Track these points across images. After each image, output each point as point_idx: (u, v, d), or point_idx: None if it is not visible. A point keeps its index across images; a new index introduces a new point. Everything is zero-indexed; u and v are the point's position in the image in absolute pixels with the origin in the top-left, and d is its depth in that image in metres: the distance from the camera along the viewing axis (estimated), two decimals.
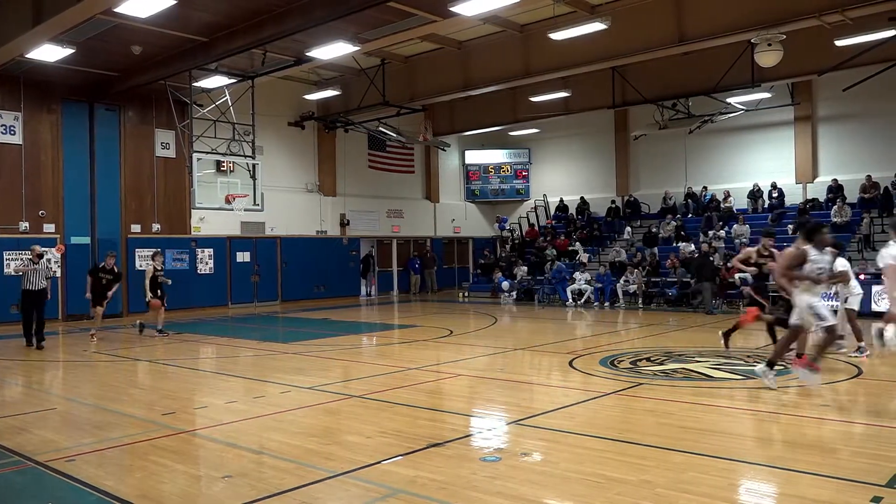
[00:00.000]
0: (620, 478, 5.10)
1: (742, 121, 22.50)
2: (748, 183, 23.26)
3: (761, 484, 5.22)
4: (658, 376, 9.17)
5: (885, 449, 5.78)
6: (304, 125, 24.19)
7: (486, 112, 24.75)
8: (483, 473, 5.28)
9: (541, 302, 22.06)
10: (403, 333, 15.41)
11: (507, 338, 14.58)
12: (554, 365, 10.64)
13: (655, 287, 20.27)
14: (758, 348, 11.72)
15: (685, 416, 7.11)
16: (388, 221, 26.96)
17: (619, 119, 26.04)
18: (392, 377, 9.49)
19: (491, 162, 30.16)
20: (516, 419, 7.09)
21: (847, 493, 4.72)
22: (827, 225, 13.33)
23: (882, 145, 21.04)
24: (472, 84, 20.67)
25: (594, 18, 16.26)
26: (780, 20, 15.02)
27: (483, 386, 9.19)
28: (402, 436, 6.39)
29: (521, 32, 19.04)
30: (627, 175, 26.74)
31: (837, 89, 18.43)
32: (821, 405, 7.76)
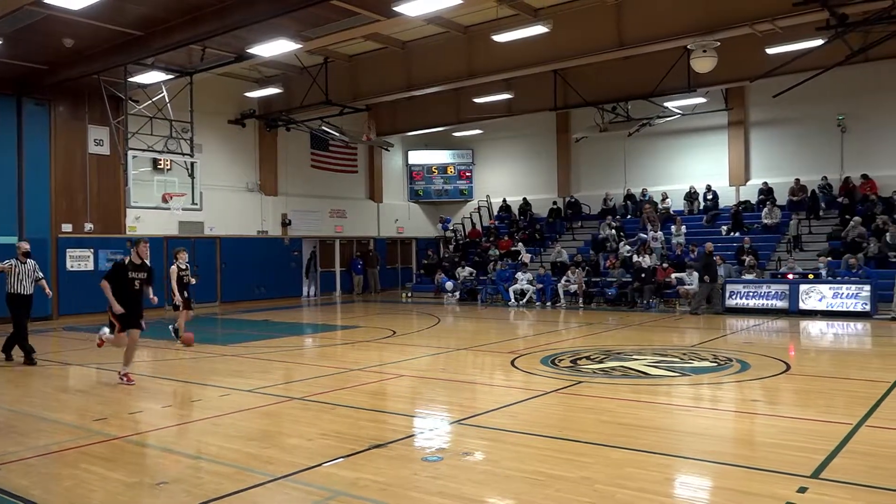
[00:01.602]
0: (560, 475, 5.17)
1: (679, 124, 23.11)
2: (684, 185, 23.91)
3: (695, 478, 5.37)
4: (597, 374, 9.33)
5: (811, 442, 6.00)
6: (244, 123, 23.75)
7: (430, 112, 24.79)
8: (425, 474, 5.28)
9: (483, 302, 22.21)
10: (346, 334, 15.29)
11: (449, 338, 14.62)
12: (496, 364, 10.72)
13: (595, 287, 20.63)
14: (693, 346, 12.06)
15: (623, 412, 7.25)
16: (331, 221, 26.72)
17: (560, 121, 26.42)
18: (334, 378, 9.41)
19: (434, 162, 30.21)
20: (459, 419, 7.11)
21: (775, 484, 4.89)
22: None
23: (809, 150, 21.90)
24: (415, 84, 20.67)
25: (537, 21, 16.49)
26: (714, 28, 15.50)
27: (426, 386, 9.19)
28: (344, 438, 6.34)
29: (465, 34, 19.14)
30: (569, 176, 27.15)
31: (768, 95, 19.10)
32: (752, 400, 8.03)
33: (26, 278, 11.10)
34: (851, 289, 16.12)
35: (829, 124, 21.23)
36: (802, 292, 16.70)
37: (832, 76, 16.64)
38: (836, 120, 21.06)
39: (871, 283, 16.05)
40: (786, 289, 16.94)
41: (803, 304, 16.60)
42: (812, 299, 16.55)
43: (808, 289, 16.69)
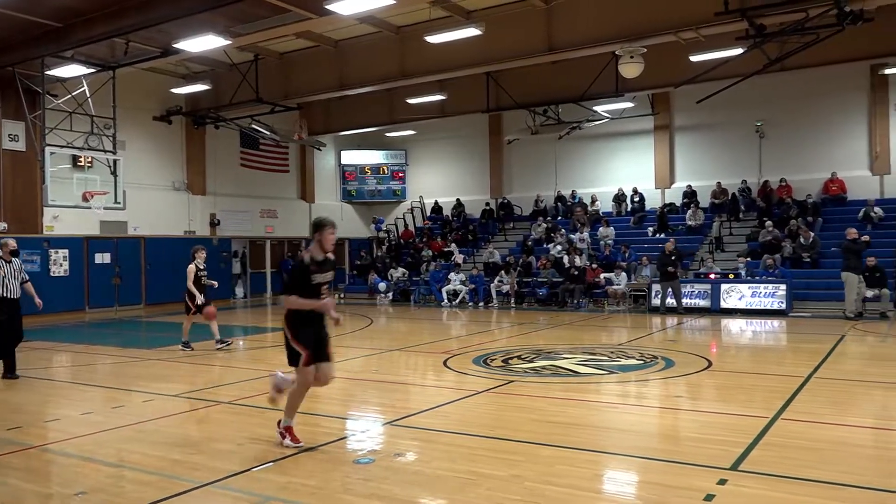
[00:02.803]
0: (491, 473, 5.22)
1: (607, 128, 23.66)
2: (613, 187, 24.50)
3: (622, 473, 5.50)
4: (528, 373, 9.46)
5: (730, 435, 6.24)
6: (170, 120, 23.06)
7: (363, 112, 24.64)
8: (356, 476, 5.25)
9: (416, 303, 22.21)
10: (276, 336, 14.97)
11: (382, 339, 14.57)
12: (429, 365, 10.74)
13: (527, 287, 20.91)
14: (620, 344, 12.36)
15: (553, 411, 7.37)
16: (262, 221, 26.24)
17: (493, 123, 26.68)
18: (264, 382, 9.20)
19: (367, 163, 30.04)
20: (391, 420, 7.09)
21: (697, 477, 5.07)
22: None
23: (730, 154, 22.77)
24: (348, 84, 20.52)
25: (469, 24, 16.61)
26: (641, 35, 15.95)
27: (358, 388, 9.13)
28: (274, 442, 6.23)
29: (398, 34, 19.12)
30: (501, 178, 27.44)
31: (692, 101, 19.76)
32: (676, 397, 8.29)
33: (13, 279, 9.79)
34: (769, 288, 16.84)
35: (749, 130, 22.13)
36: (723, 291, 17.35)
37: (751, 84, 17.34)
38: (755, 126, 21.96)
39: (786, 282, 16.82)
40: (708, 288, 17.57)
41: (724, 303, 17.24)
42: (732, 298, 17.20)
43: (728, 288, 17.35)
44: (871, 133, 20.82)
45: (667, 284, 17.45)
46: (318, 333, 6.08)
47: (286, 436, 6.02)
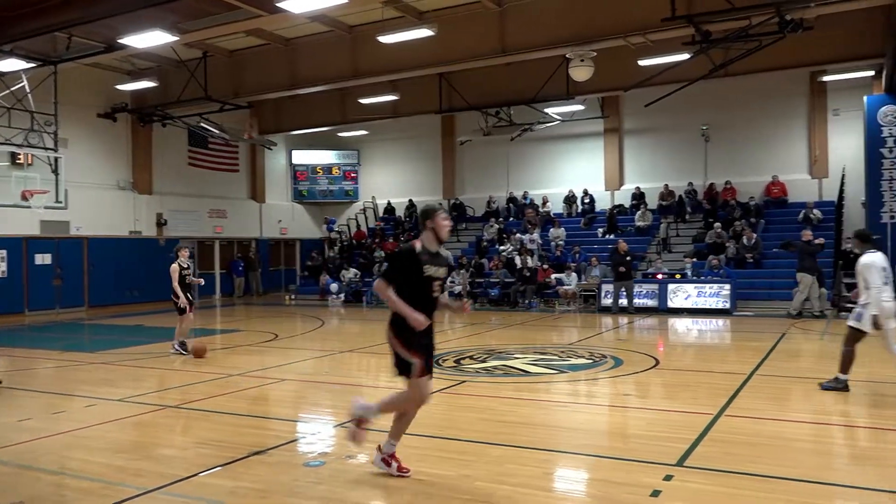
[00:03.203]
0: (441, 473, 5.23)
1: (558, 130, 23.92)
2: (563, 189, 24.79)
3: (571, 471, 5.58)
4: (480, 374, 9.51)
5: (676, 432, 6.38)
6: (115, 117, 22.46)
7: (315, 112, 24.41)
8: (306, 479, 5.20)
9: (369, 304, 22.11)
10: (225, 338, 14.81)
11: (334, 340, 14.46)
12: (381, 366, 10.68)
13: (479, 287, 21.02)
14: (571, 344, 12.52)
15: (504, 410, 7.43)
16: (210, 222, 25.76)
17: (446, 124, 26.72)
18: (212, 385, 9.08)
19: (319, 162, 29.78)
20: (342, 422, 7.04)
21: (644, 473, 5.16)
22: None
23: (677, 157, 23.27)
24: (299, 83, 20.30)
25: (422, 24, 16.62)
26: (591, 39, 16.19)
27: (309, 390, 9.05)
28: (222, 446, 6.13)
29: (350, 33, 19.00)
30: (454, 179, 27.51)
31: (640, 105, 20.12)
32: (624, 395, 8.44)
33: None
34: (714, 288, 17.27)
35: (695, 134, 22.65)
36: (670, 291, 17.73)
37: (697, 89, 17.74)
38: (701, 130, 22.49)
39: (731, 282, 17.28)
40: (655, 288, 17.93)
41: (671, 303, 17.62)
42: (679, 298, 17.59)
43: (675, 288, 17.74)
44: (811, 138, 21.53)
45: (620, 284, 17.73)
46: (429, 340, 5.21)
47: (390, 463, 5.17)
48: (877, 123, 18.17)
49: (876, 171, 18.21)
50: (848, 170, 20.15)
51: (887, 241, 17.67)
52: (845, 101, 20.57)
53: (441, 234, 5.22)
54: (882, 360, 11.01)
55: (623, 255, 17.70)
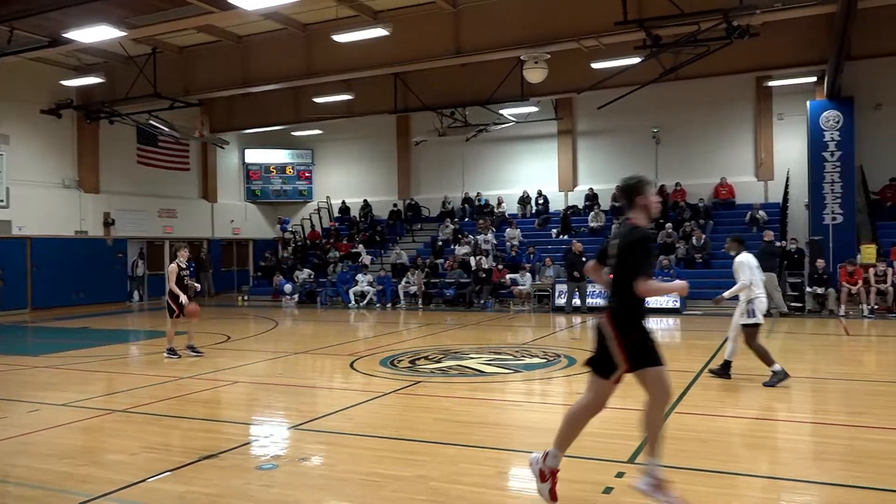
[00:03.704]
0: (396, 475, 5.21)
1: (513, 132, 24.09)
2: (518, 189, 24.98)
3: (525, 469, 5.60)
4: (435, 374, 9.51)
5: (628, 430, 6.45)
6: (60, 114, 21.83)
7: (268, 110, 24.11)
8: (259, 482, 5.13)
9: (323, 304, 21.94)
10: (176, 340, 14.47)
11: (288, 341, 14.29)
12: (335, 367, 10.63)
13: (434, 288, 21.03)
14: (525, 343, 12.61)
15: (459, 410, 7.45)
16: (160, 221, 25.22)
17: (401, 124, 26.67)
18: (162, 388, 8.88)
19: (273, 162, 29.41)
20: (296, 424, 6.97)
21: (596, 471, 5.23)
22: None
23: (629, 159, 23.62)
24: (252, 81, 20.03)
25: (376, 24, 16.56)
26: (545, 41, 16.36)
27: (262, 392, 8.93)
28: (172, 450, 6.01)
29: (304, 32, 18.83)
30: (409, 179, 27.47)
31: (593, 107, 20.41)
32: (577, 394, 8.52)
33: None
34: None
35: (646, 136, 23.06)
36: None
37: (649, 92, 18.09)
38: (652, 132, 22.91)
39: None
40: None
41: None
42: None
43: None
44: (757, 141, 22.13)
45: (574, 285, 17.94)
46: (649, 334, 4.74)
47: (548, 478, 4.57)
48: (819, 128, 18.79)
49: (818, 174, 18.83)
50: (792, 173, 20.78)
51: (829, 241, 18.29)
52: (790, 105, 21.21)
53: (652, 211, 4.66)
54: (826, 356, 11.38)
55: (578, 256, 17.91)
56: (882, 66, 18.75)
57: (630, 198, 4.61)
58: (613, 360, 4.56)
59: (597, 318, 4.68)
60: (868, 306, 15.81)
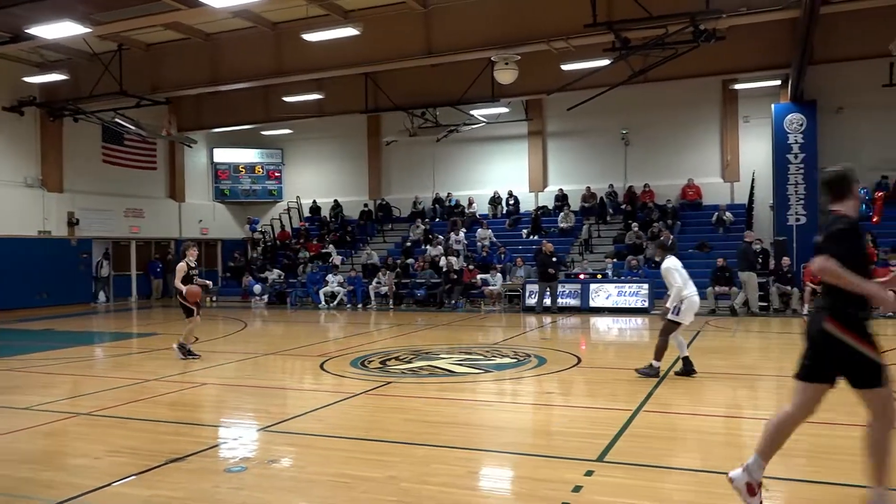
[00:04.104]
0: (366, 476, 5.19)
1: (484, 132, 24.15)
2: (489, 190, 25.06)
3: (495, 469, 5.64)
4: (406, 374, 9.50)
5: (597, 428, 6.54)
6: (23, 111, 21.37)
7: (237, 109, 23.86)
8: (227, 485, 5.07)
9: (293, 305, 21.78)
10: (142, 342, 14.28)
11: (257, 342, 14.16)
12: (305, 368, 10.56)
13: (405, 288, 21.00)
14: (496, 343, 12.66)
15: (429, 410, 7.44)
16: (126, 221, 24.82)
17: (372, 124, 26.59)
18: (128, 390, 8.74)
19: (242, 161, 29.11)
20: (265, 426, 6.91)
21: (566, 469, 5.26)
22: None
23: (599, 160, 23.87)
24: (220, 79, 19.82)
25: (347, 23, 16.49)
26: (515, 42, 16.43)
27: (231, 394, 8.83)
28: (138, 453, 5.90)
29: (274, 30, 18.67)
30: (380, 179, 27.39)
31: (563, 108, 20.52)
32: (547, 393, 8.59)
33: None
34: (633, 287, 17.80)
35: (615, 137, 23.28)
36: (592, 291, 18.17)
37: (618, 94, 18.26)
38: (621, 134, 23.13)
39: (648, 282, 17.83)
40: (578, 288, 18.33)
41: (593, 302, 18.06)
42: (600, 297, 18.05)
43: (597, 287, 18.19)
44: (723, 143, 22.46)
45: (545, 285, 18.06)
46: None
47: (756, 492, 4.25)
48: (783, 130, 19.14)
49: (783, 175, 19.18)
50: (757, 174, 21.13)
51: (793, 242, 18.64)
52: (755, 108, 21.57)
53: (858, 205, 4.27)
54: (791, 355, 11.58)
55: (549, 256, 18.04)
56: (843, 71, 19.17)
57: (841, 189, 4.16)
58: (875, 362, 3.97)
59: (814, 323, 4.20)
60: None
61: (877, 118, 20.28)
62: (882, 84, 17.84)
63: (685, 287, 8.71)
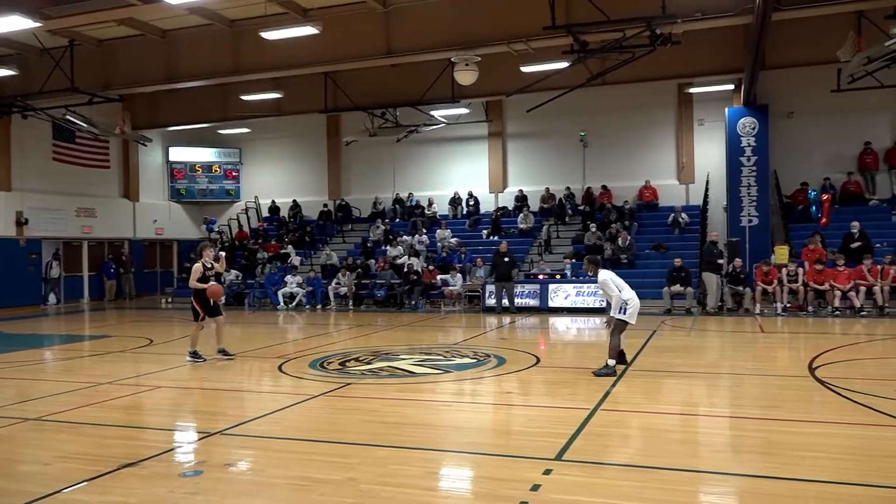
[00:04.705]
0: (325, 478, 5.15)
1: (444, 133, 24.18)
2: (449, 191, 25.10)
3: (455, 469, 5.65)
4: (365, 375, 9.45)
5: (556, 427, 6.59)
6: None
7: (194, 107, 23.48)
8: (183, 490, 4.98)
9: (251, 306, 21.50)
10: (95, 345, 13.94)
11: (214, 344, 13.91)
12: (264, 370, 10.43)
13: (365, 289, 20.90)
14: (455, 344, 12.68)
15: (388, 411, 7.42)
16: (78, 221, 24.21)
17: (331, 124, 26.41)
18: (79, 394, 8.53)
19: (199, 160, 28.63)
20: (222, 429, 6.80)
21: (524, 469, 5.30)
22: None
23: (558, 161, 24.09)
24: (176, 76, 19.47)
25: (306, 22, 16.34)
26: (475, 44, 16.49)
27: (187, 397, 8.68)
28: (89, 459, 5.76)
29: (231, 28, 18.43)
30: (339, 179, 27.22)
31: (523, 110, 20.68)
32: (506, 393, 8.64)
33: None
34: (591, 287, 17.98)
35: (574, 139, 23.52)
36: (551, 291, 18.33)
37: (576, 96, 18.44)
38: (580, 135, 23.38)
39: None
40: (537, 288, 18.48)
41: (552, 302, 18.22)
42: (559, 297, 18.21)
43: (556, 288, 18.36)
44: (679, 146, 22.87)
45: (500, 285, 18.13)
46: None
47: None
48: (736, 134, 19.58)
49: (736, 178, 19.62)
50: (711, 176, 21.58)
51: (746, 243, 19.07)
52: (709, 112, 22.02)
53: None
54: (743, 353, 11.86)
55: (501, 257, 18.20)
56: (794, 76, 19.70)
57: None
58: None
59: None
60: (781, 305, 16.55)
61: (826, 122, 20.90)
62: (830, 89, 18.37)
63: (623, 293, 9.02)
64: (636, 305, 9.10)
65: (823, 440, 6.08)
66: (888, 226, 19.24)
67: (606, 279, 9.15)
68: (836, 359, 10.25)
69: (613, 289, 9.05)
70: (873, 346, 12.22)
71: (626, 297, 9.00)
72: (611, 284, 9.08)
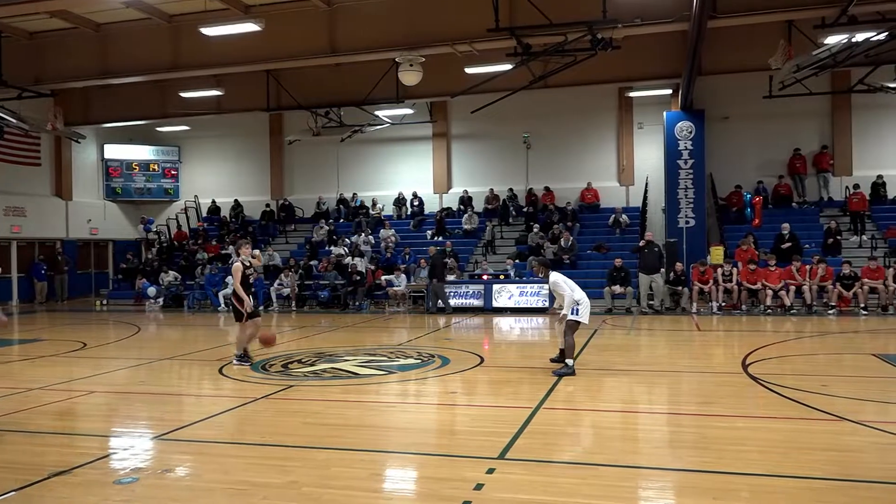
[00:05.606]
0: (266, 482, 5.07)
1: (389, 133, 24.12)
2: (394, 191, 25.04)
3: (397, 470, 5.63)
4: (308, 377, 9.35)
5: (499, 426, 6.64)
6: None
7: (130, 104, 22.83)
8: (117, 498, 4.83)
9: (191, 308, 21.03)
10: (24, 349, 13.40)
11: (152, 348, 13.58)
12: (204, 373, 10.21)
13: (309, 290, 20.67)
14: (400, 344, 12.65)
15: (331, 413, 7.36)
16: (7, 220, 23.24)
17: (274, 122, 26.05)
18: (8, 400, 8.18)
19: (136, 158, 27.84)
20: (159, 434, 6.63)
21: (467, 468, 5.32)
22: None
23: (501, 163, 24.30)
24: (111, 71, 18.93)
25: (247, 18, 16.11)
26: (419, 44, 16.53)
27: (123, 402, 8.42)
28: (16, 468, 5.54)
29: (170, 23, 18.01)
30: (282, 179, 26.87)
31: (467, 111, 20.80)
32: (451, 393, 8.66)
33: None
34: (534, 287, 18.21)
35: (517, 141, 23.73)
36: (495, 291, 18.47)
37: (520, 98, 18.65)
38: (523, 137, 23.63)
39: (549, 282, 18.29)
40: (481, 288, 18.59)
41: (496, 302, 18.36)
42: (503, 297, 18.37)
43: (499, 288, 18.50)
44: (619, 148, 23.35)
45: (437, 285, 18.39)
46: None
47: None
48: (674, 137, 20.09)
49: (674, 180, 20.13)
50: (651, 179, 22.10)
51: (683, 244, 19.58)
52: (648, 115, 22.55)
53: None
54: (680, 351, 12.17)
55: (438, 257, 18.46)
56: (729, 82, 20.34)
57: None
58: None
59: None
60: (717, 304, 17.07)
61: (759, 128, 21.69)
62: (763, 96, 19.04)
63: (575, 293, 9.13)
64: (587, 305, 9.24)
65: (756, 434, 6.29)
66: (816, 227, 20.05)
67: (558, 280, 9.29)
68: (768, 355, 10.62)
69: (564, 288, 9.16)
70: (802, 342, 12.71)
71: (577, 297, 9.11)
72: (563, 285, 9.21)
